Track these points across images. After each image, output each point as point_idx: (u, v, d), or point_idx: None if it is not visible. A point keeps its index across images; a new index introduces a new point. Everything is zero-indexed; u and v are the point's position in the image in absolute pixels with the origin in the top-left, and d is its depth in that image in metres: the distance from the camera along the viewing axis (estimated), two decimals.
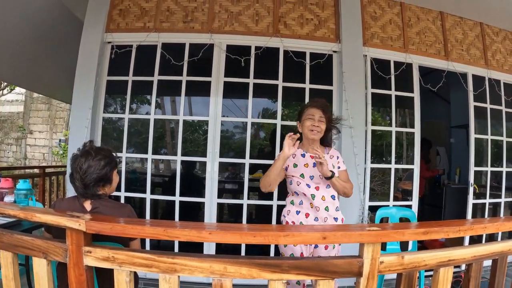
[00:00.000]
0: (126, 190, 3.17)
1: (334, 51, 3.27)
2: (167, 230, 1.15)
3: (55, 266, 1.46)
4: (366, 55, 3.30)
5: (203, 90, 3.20)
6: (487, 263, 1.45)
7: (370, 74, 3.30)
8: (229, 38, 3.21)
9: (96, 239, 1.26)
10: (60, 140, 10.45)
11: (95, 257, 1.16)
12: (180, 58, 3.19)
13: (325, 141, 2.14)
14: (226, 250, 3.19)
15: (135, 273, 1.36)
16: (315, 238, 1.23)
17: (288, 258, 1.19)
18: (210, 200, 3.07)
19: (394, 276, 1.44)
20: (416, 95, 3.37)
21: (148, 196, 3.11)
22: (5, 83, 9.97)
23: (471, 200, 3.41)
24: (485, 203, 3.51)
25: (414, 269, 1.24)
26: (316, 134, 2.03)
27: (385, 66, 3.35)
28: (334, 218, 2.05)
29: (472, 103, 3.49)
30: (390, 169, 3.29)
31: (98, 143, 3.27)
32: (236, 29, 3.23)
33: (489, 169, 3.50)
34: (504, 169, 3.59)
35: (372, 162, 3.23)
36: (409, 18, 3.48)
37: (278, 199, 3.12)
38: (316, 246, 1.99)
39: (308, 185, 2.02)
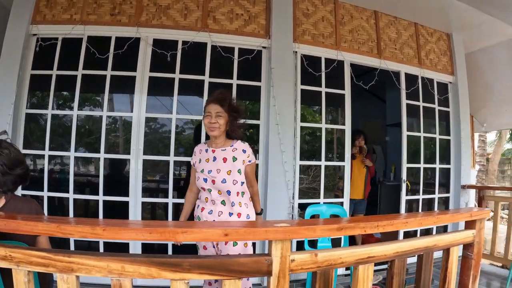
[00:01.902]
0: (48, 190, 2.98)
1: (264, 47, 3.21)
2: (61, 226, 1.07)
3: None
4: (296, 52, 3.25)
5: (128, 85, 3.05)
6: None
7: (300, 71, 3.19)
8: (156, 32, 3.11)
9: (3, 238, 1.21)
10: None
11: None
12: (106, 52, 3.04)
13: (232, 134, 2.04)
14: (152, 249, 3.02)
15: (50, 274, 1.25)
16: (216, 235, 1.15)
17: (191, 257, 1.09)
18: (135, 199, 2.95)
19: None
20: (347, 92, 3.33)
21: (71, 195, 2.98)
22: None
23: (404, 196, 3.38)
24: (418, 199, 3.45)
25: (330, 267, 1.18)
26: (215, 130, 1.97)
27: (316, 63, 3.28)
28: (229, 213, 1.98)
29: (404, 101, 3.48)
30: (320, 166, 3.18)
31: (20, 139, 3.09)
32: (164, 23, 3.12)
33: (421, 165, 3.47)
34: (438, 166, 3.57)
35: (301, 159, 3.12)
36: (342, 16, 3.43)
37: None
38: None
39: (205, 179, 1.99)
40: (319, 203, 3.26)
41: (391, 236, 3.28)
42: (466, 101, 3.77)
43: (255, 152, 3.15)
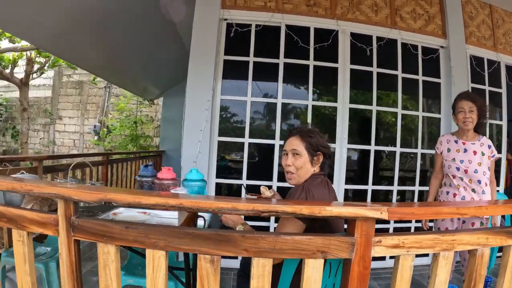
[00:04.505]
0: (247, 178, 2.96)
1: (442, 46, 3.38)
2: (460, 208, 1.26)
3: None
4: (466, 52, 3.38)
5: (327, 76, 3.08)
6: None
7: (470, 70, 3.38)
8: (352, 26, 3.23)
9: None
10: (95, 126, 9.50)
11: (384, 246, 1.07)
12: (303, 41, 3.03)
13: (478, 129, 2.32)
14: None
15: None
16: None
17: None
18: (338, 185, 3.02)
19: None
20: (503, 91, 3.63)
21: (275, 183, 2.96)
22: (37, 67, 8.76)
23: None
24: None
25: None
26: (468, 125, 2.22)
27: (480, 63, 3.51)
28: (479, 200, 2.23)
29: None
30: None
31: (215, 127, 3.01)
32: (358, 17, 3.26)
33: None
34: None
35: None
36: (497, 20, 3.74)
37: (399, 184, 3.12)
38: (464, 222, 2.25)
39: (457, 168, 2.26)
40: None
41: None
42: None
43: None
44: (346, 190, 3.20)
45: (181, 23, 4.35)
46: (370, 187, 3.20)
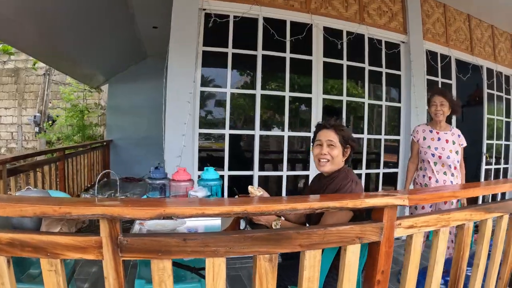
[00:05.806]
0: (229, 169, 3.16)
1: (403, 42, 3.75)
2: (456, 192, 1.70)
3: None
4: (423, 47, 3.83)
5: (302, 68, 3.32)
6: None
7: (426, 63, 3.81)
8: (324, 20, 3.47)
9: None
10: (35, 116, 8.80)
11: (403, 228, 1.28)
12: (279, 34, 3.22)
13: (449, 120, 2.68)
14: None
15: None
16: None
17: (492, 203, 1.62)
18: (313, 172, 3.28)
19: None
20: (453, 82, 4.14)
21: (256, 173, 3.18)
22: None
23: (484, 166, 4.30)
24: (491, 169, 4.47)
25: None
26: (439, 116, 2.68)
27: (434, 58, 3.98)
28: (450, 181, 2.71)
29: (486, 90, 4.35)
30: None
31: (196, 119, 3.12)
32: (330, 12, 3.53)
33: (494, 142, 4.44)
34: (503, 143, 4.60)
35: None
36: (449, 18, 4.14)
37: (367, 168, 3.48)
38: None
39: (432, 154, 2.70)
40: None
41: None
42: None
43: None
44: None
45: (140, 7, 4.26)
46: None
